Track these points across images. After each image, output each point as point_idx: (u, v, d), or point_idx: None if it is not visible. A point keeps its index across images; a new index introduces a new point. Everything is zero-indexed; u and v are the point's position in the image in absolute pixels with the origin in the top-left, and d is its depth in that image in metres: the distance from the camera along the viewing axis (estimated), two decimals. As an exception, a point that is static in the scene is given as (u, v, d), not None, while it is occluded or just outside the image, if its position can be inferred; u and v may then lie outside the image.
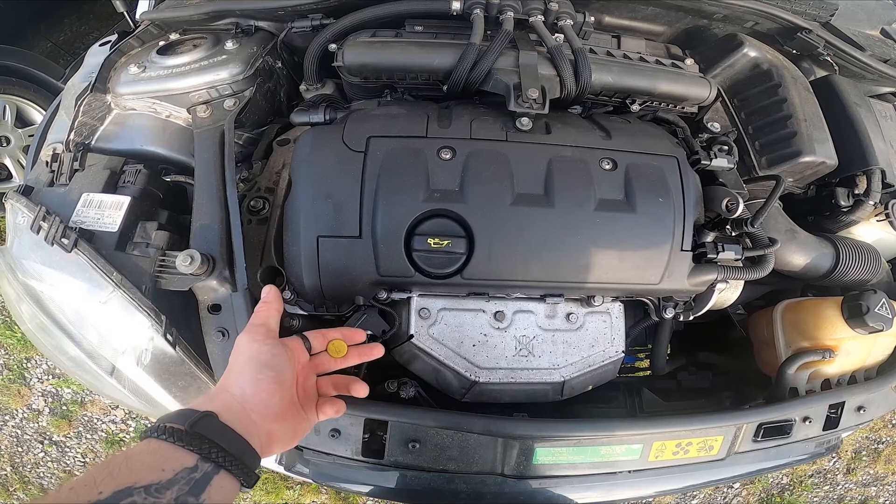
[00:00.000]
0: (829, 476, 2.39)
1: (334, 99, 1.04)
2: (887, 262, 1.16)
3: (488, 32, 0.96)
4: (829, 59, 1.18)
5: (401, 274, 0.80)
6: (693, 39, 1.22)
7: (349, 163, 0.81)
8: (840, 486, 2.39)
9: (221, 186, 0.86)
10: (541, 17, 0.97)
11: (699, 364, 1.22)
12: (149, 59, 1.01)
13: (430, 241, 0.79)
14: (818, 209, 1.12)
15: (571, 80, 0.91)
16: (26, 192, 0.83)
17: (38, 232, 0.75)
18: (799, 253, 1.00)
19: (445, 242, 0.79)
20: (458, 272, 0.80)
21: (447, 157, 0.82)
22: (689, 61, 1.08)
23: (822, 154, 0.98)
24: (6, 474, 2.37)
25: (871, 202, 1.03)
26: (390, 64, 0.93)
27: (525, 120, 0.87)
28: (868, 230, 1.12)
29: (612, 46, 1.09)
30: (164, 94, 0.97)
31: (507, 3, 0.97)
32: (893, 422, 2.48)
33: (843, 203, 1.06)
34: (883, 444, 2.46)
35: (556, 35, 0.97)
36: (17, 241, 0.79)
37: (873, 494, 2.41)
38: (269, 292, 0.73)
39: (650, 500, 2.13)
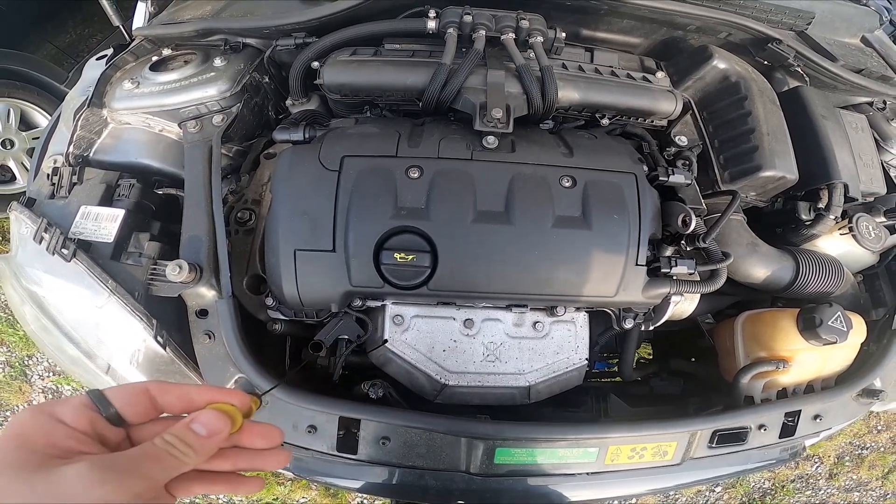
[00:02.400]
0: (811, 481, 2.41)
1: (318, 115, 1.09)
2: (857, 273, 1.17)
3: (463, 50, 1.00)
4: (799, 70, 1.20)
5: (371, 285, 0.86)
6: (670, 50, 1.25)
7: (324, 181, 0.87)
8: (822, 492, 2.41)
9: (209, 199, 0.93)
10: (512, 35, 1.01)
11: (671, 371, 1.27)
12: (142, 74, 1.07)
13: (397, 255, 0.85)
14: (783, 222, 1.15)
15: (538, 97, 0.96)
16: (29, 203, 0.90)
17: (40, 242, 0.83)
18: (759, 266, 1.03)
19: (411, 257, 0.85)
20: (424, 284, 0.86)
21: (415, 175, 0.88)
22: (660, 74, 1.11)
23: (782, 169, 1.01)
24: None
25: (832, 216, 1.05)
26: (366, 83, 0.99)
27: (491, 138, 0.92)
28: (833, 243, 1.13)
29: (585, 60, 1.13)
30: (157, 110, 1.04)
31: (480, 22, 1.00)
32: (878, 428, 2.50)
33: (804, 217, 1.08)
34: (867, 449, 2.48)
35: (529, 51, 1.01)
36: (21, 249, 0.86)
37: (856, 500, 2.43)
38: None
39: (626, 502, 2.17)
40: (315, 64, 1.05)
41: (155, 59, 1.12)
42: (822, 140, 1.10)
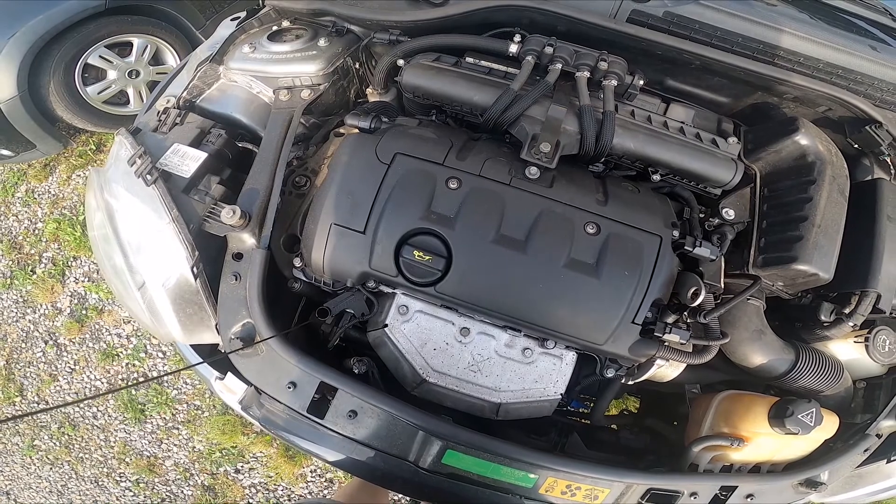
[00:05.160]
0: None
1: (390, 108, 1.19)
2: (861, 380, 1.12)
3: (536, 78, 1.04)
4: (889, 161, 1.13)
5: (386, 272, 0.94)
6: (756, 115, 1.20)
7: (374, 171, 0.96)
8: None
9: (276, 161, 1.04)
10: (587, 74, 1.03)
11: (643, 427, 1.26)
12: (260, 41, 1.21)
13: (416, 252, 0.92)
14: (803, 317, 1.10)
15: (592, 140, 0.98)
16: (134, 132, 1.07)
17: (131, 165, 0.98)
18: (758, 353, 1.02)
19: (427, 258, 0.91)
20: (432, 285, 0.93)
21: (453, 186, 0.94)
22: (732, 140, 1.08)
23: (817, 265, 0.96)
24: None
25: (851, 323, 1.00)
26: (438, 91, 1.06)
27: (533, 169, 0.96)
28: (845, 348, 1.09)
29: (657, 112, 1.12)
30: (261, 75, 1.18)
31: (560, 55, 1.04)
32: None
33: (823, 318, 1.04)
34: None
35: (599, 93, 1.03)
36: (114, 167, 1.02)
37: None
38: None
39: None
40: (401, 62, 1.14)
41: (275, 28, 1.26)
42: (876, 244, 1.02)
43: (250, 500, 2.23)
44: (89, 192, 1.02)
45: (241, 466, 2.27)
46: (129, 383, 2.34)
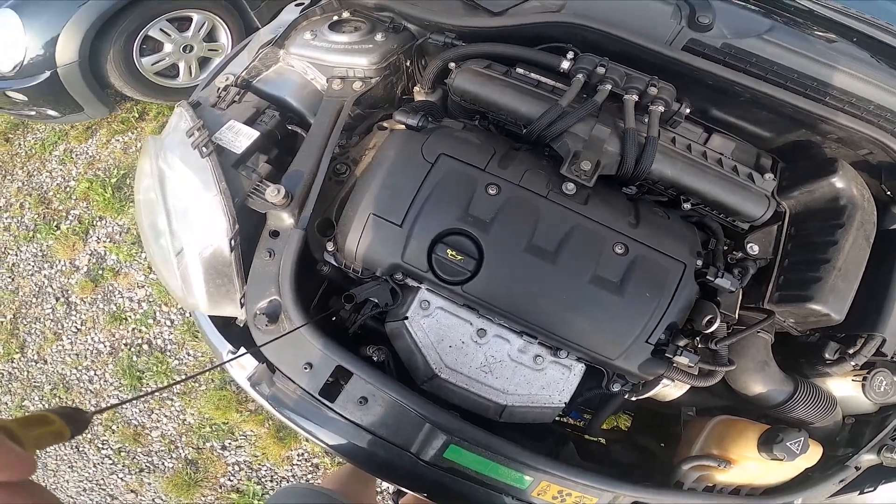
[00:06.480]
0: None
1: (435, 108, 1.22)
2: (851, 416, 1.14)
3: (584, 96, 1.06)
4: None
5: (417, 266, 0.97)
6: (796, 152, 1.19)
7: (418, 168, 0.99)
8: None
9: (323, 147, 1.08)
10: (635, 97, 1.05)
11: (636, 444, 1.29)
12: (320, 29, 1.26)
13: (449, 251, 0.95)
14: (807, 354, 1.12)
15: (631, 164, 1.00)
16: (194, 105, 1.12)
17: (189, 137, 1.03)
18: (760, 384, 1.04)
19: (459, 258, 0.95)
20: (460, 284, 0.96)
21: (492, 192, 0.97)
22: (768, 176, 1.08)
23: (830, 307, 0.98)
24: (3, 321, 2.55)
25: (853, 363, 1.03)
26: (486, 98, 1.09)
27: (571, 185, 0.98)
28: (841, 385, 1.11)
29: (698, 141, 1.13)
30: (317, 63, 1.22)
31: (611, 77, 1.05)
32: None
33: (827, 356, 1.06)
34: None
35: (645, 117, 1.05)
36: (171, 136, 1.06)
37: None
38: None
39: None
40: (452, 65, 1.17)
41: (335, 18, 1.30)
42: (891, 292, 1.04)
43: (231, 478, 2.20)
44: (144, 158, 1.07)
45: (229, 443, 2.23)
46: (203, 368, 2.24)
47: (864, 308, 1.03)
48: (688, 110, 1.09)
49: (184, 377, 2.31)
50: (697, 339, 0.95)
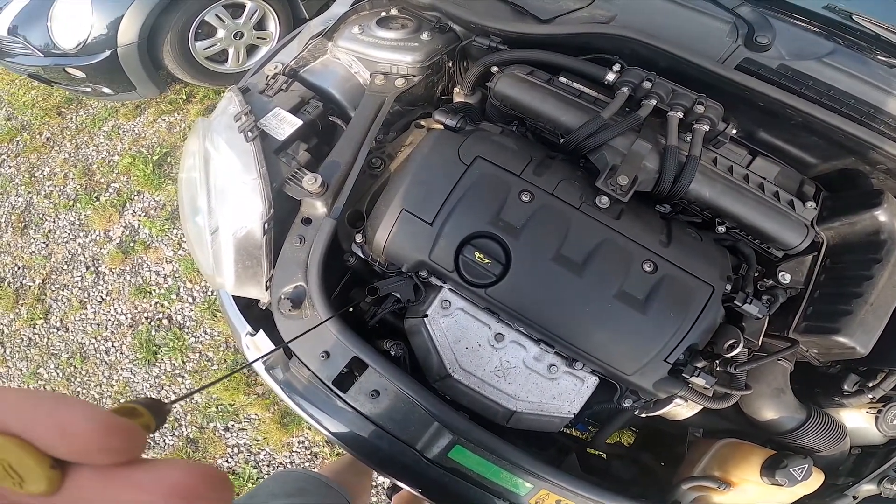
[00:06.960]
0: None
1: (473, 110, 1.23)
2: (856, 446, 1.12)
3: (626, 109, 1.05)
4: None
5: (443, 266, 0.98)
6: (845, 182, 1.15)
7: (453, 168, 1.00)
8: None
9: (361, 140, 1.11)
10: (680, 114, 1.02)
11: (637, 461, 1.27)
12: (368, 24, 1.28)
13: (477, 254, 0.96)
14: (826, 384, 1.10)
15: (669, 182, 0.98)
16: (243, 90, 1.15)
17: (236, 121, 1.06)
18: (773, 410, 1.03)
19: (487, 261, 0.95)
20: (484, 287, 0.96)
21: (525, 199, 0.98)
22: (809, 204, 1.05)
23: (857, 341, 0.95)
24: (32, 286, 2.59)
25: (871, 396, 1.02)
26: (527, 105, 1.09)
27: (605, 199, 0.98)
28: (854, 416, 1.09)
29: (741, 163, 1.10)
30: (363, 57, 1.25)
31: (657, 92, 1.03)
32: None
33: (846, 388, 1.05)
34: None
35: (688, 135, 1.02)
36: (219, 119, 1.10)
37: None
38: None
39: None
40: (494, 69, 1.17)
41: (383, 14, 1.32)
42: None
43: (230, 459, 2.20)
44: (192, 137, 1.11)
45: (232, 425, 2.24)
46: (243, 364, 2.31)
47: (889, 344, 0.99)
48: (734, 131, 1.07)
49: (243, 364, 2.36)
50: (716, 361, 0.94)
